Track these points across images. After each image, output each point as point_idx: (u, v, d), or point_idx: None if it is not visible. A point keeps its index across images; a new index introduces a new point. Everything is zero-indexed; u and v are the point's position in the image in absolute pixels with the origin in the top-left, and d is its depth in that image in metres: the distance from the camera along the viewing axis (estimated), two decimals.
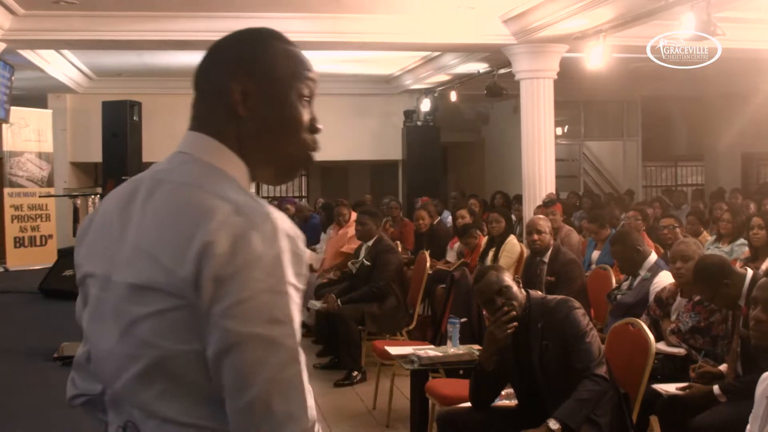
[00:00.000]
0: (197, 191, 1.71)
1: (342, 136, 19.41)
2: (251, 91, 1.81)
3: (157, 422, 1.71)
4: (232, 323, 1.59)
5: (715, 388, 4.89)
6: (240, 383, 1.60)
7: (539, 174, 13.04)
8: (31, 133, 16.57)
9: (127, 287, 1.72)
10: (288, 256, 1.64)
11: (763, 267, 7.22)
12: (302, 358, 1.67)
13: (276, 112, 1.84)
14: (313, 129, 1.92)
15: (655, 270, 6.58)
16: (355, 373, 8.29)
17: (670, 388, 5.08)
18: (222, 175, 1.77)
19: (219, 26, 12.80)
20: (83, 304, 1.94)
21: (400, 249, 10.33)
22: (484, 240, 9.73)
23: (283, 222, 1.68)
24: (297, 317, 1.65)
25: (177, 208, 1.70)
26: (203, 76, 1.88)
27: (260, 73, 1.83)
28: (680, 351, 5.53)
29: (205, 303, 1.61)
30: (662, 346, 5.53)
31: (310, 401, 1.69)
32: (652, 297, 6.25)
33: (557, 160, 13.95)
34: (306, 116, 1.89)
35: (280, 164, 1.90)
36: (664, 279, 6.31)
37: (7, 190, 15.92)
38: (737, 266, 5.89)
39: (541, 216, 8.51)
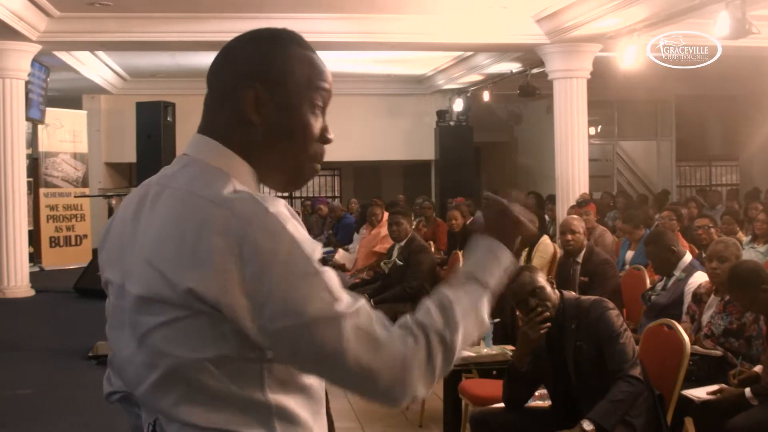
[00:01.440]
0: (192, 198, 1.69)
1: (375, 137, 19.46)
2: (264, 98, 1.78)
3: (178, 425, 1.72)
4: (278, 321, 1.61)
5: (747, 391, 4.85)
6: (318, 369, 1.68)
7: (572, 174, 12.99)
8: (66, 133, 16.73)
9: (136, 299, 1.72)
10: (298, 237, 1.64)
11: None
12: (357, 307, 1.70)
13: (288, 121, 1.81)
14: (325, 140, 1.89)
15: (689, 270, 6.52)
16: None
17: (701, 393, 5.04)
18: (218, 175, 1.74)
19: (251, 27, 12.67)
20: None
21: (433, 249, 10.31)
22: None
23: (281, 206, 1.67)
24: (332, 283, 1.67)
25: (176, 218, 1.69)
26: (215, 76, 1.86)
27: (275, 80, 1.80)
28: (716, 352, 5.48)
29: (237, 315, 1.61)
30: (698, 347, 5.48)
31: (385, 331, 1.72)
32: (687, 298, 6.20)
33: (590, 160, 13.89)
34: (317, 127, 1.86)
35: (288, 172, 1.87)
36: (699, 279, 6.26)
37: (42, 191, 16.08)
38: None
39: (574, 216, 8.47)
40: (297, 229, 1.65)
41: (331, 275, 1.68)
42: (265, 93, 1.78)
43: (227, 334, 1.64)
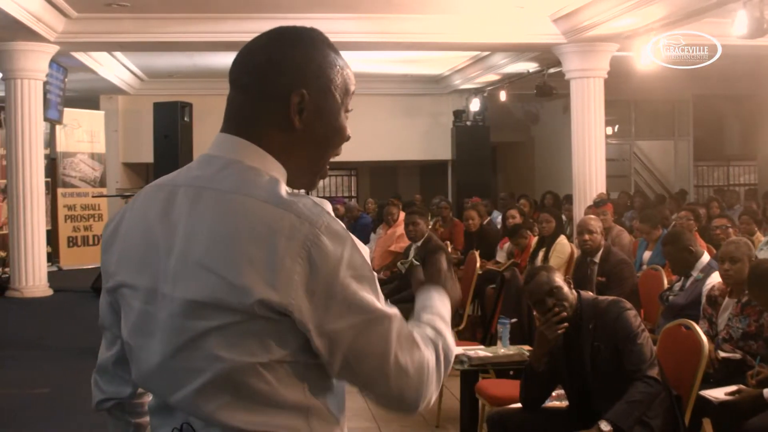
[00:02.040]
0: (244, 200, 1.69)
1: (391, 137, 19.46)
2: (309, 103, 1.78)
3: (219, 429, 1.71)
4: (339, 321, 1.66)
5: (765, 392, 4.83)
6: (367, 366, 1.72)
7: (589, 174, 12.97)
8: (84, 134, 16.80)
9: (185, 303, 1.69)
10: (355, 240, 1.70)
11: None
12: (396, 311, 1.79)
13: (328, 128, 1.83)
14: (346, 138, 1.91)
15: (707, 271, 6.49)
16: None
17: (719, 394, 5.01)
18: (263, 176, 1.74)
19: (269, 27, 12.74)
20: (111, 310, 1.95)
21: (450, 249, 10.30)
22: (535, 240, 9.69)
23: (329, 209, 1.72)
24: (378, 287, 1.75)
25: (229, 220, 1.68)
26: (251, 74, 1.82)
27: (321, 86, 1.81)
28: (735, 355, 5.45)
29: (303, 317, 1.64)
30: (719, 353, 5.45)
31: (423, 341, 1.82)
32: (704, 298, 6.17)
33: (607, 159, 13.86)
34: (347, 130, 1.89)
35: (317, 173, 1.89)
36: (717, 280, 6.23)
37: (60, 191, 16.15)
38: None
39: (592, 216, 8.45)
40: (349, 234, 1.71)
41: (375, 281, 1.74)
42: (310, 99, 1.79)
43: (285, 339, 1.66)
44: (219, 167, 1.77)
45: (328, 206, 1.72)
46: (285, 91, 1.78)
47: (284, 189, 1.72)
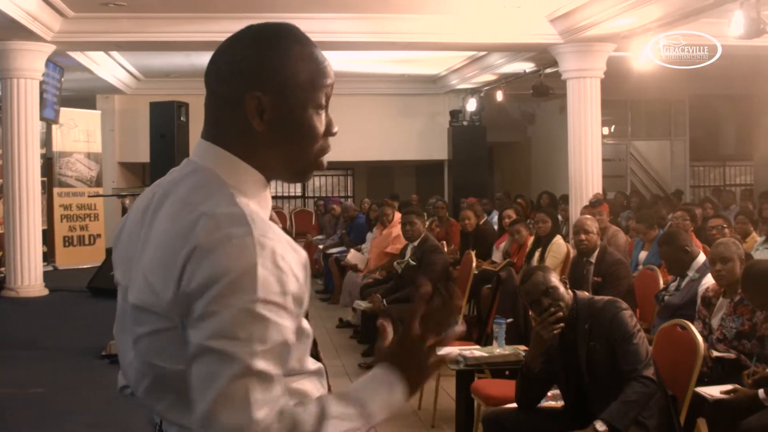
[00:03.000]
0: (188, 211, 1.69)
1: (388, 136, 19.47)
2: (267, 104, 1.77)
3: (177, 428, 1.75)
4: (195, 335, 1.59)
5: (761, 392, 4.83)
6: (195, 394, 1.58)
7: (586, 174, 12.98)
8: (80, 133, 16.78)
9: (132, 307, 1.75)
10: (264, 272, 1.59)
11: None
12: (264, 376, 1.58)
13: (293, 126, 1.80)
14: (330, 133, 1.87)
15: (703, 271, 6.49)
16: None
17: (715, 392, 5.02)
18: (219, 188, 1.73)
19: None
20: None
21: (446, 249, 10.31)
22: (531, 240, 9.69)
23: (273, 240, 1.63)
24: (268, 335, 1.58)
25: (171, 233, 1.69)
26: (217, 80, 1.83)
27: (278, 86, 1.78)
28: (729, 355, 5.46)
29: (184, 317, 1.62)
30: (713, 351, 5.46)
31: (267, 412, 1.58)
32: (699, 299, 6.18)
33: (604, 159, 13.87)
34: (322, 125, 1.85)
35: (295, 169, 1.87)
36: (712, 280, 6.24)
37: (56, 190, 16.14)
38: None
39: (588, 216, 8.46)
40: (274, 263, 1.61)
41: (270, 325, 1.59)
42: (268, 100, 1.77)
43: None
44: (187, 173, 1.80)
45: (271, 236, 1.64)
46: (241, 94, 1.77)
47: (232, 202, 1.69)
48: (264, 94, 1.76)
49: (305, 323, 1.76)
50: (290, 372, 1.70)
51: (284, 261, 1.62)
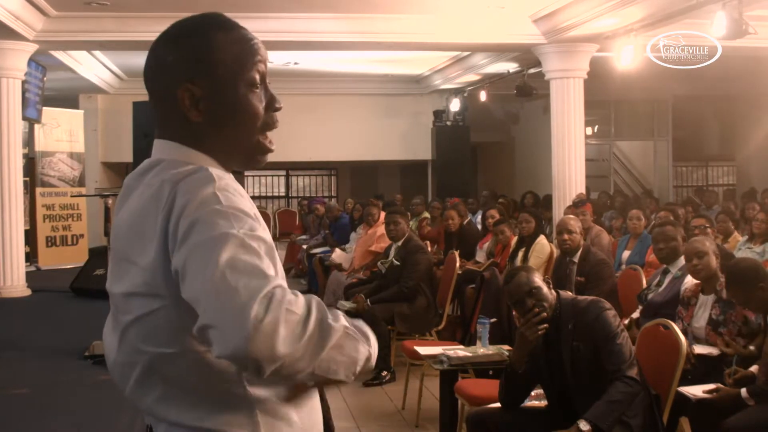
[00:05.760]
0: (150, 185, 1.74)
1: (371, 136, 19.48)
2: (199, 95, 1.80)
3: (165, 425, 1.73)
4: (178, 255, 1.60)
5: (743, 391, 4.86)
6: (192, 285, 1.57)
7: (569, 174, 13.00)
8: (63, 133, 16.70)
9: (120, 296, 1.76)
10: (227, 194, 1.66)
11: None
12: (254, 248, 1.59)
13: (228, 110, 1.82)
14: (274, 108, 1.89)
15: (686, 269, 6.52)
16: (385, 372, 8.28)
17: (698, 391, 5.04)
18: (181, 163, 1.77)
19: (248, 26, 12.68)
20: None
21: (430, 249, 10.32)
22: (514, 240, 9.71)
23: (229, 180, 1.73)
24: (245, 225, 1.62)
25: (138, 206, 1.74)
26: (150, 81, 1.88)
27: (205, 74, 1.81)
28: (712, 351, 5.49)
29: (169, 274, 1.63)
30: (695, 347, 5.48)
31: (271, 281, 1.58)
32: (680, 299, 6.20)
33: (587, 159, 13.89)
34: (260, 103, 1.86)
35: (244, 152, 1.88)
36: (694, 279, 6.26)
37: (39, 190, 16.06)
38: None
39: (571, 216, 8.48)
40: (232, 191, 1.68)
41: (252, 225, 1.64)
42: (198, 90, 1.80)
43: (189, 326, 1.60)
44: (147, 167, 1.83)
45: (228, 178, 1.73)
46: (172, 89, 1.81)
47: (198, 167, 1.75)
48: (194, 84, 1.80)
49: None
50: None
51: (240, 192, 1.70)
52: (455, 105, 19.05)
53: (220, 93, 1.81)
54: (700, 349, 5.51)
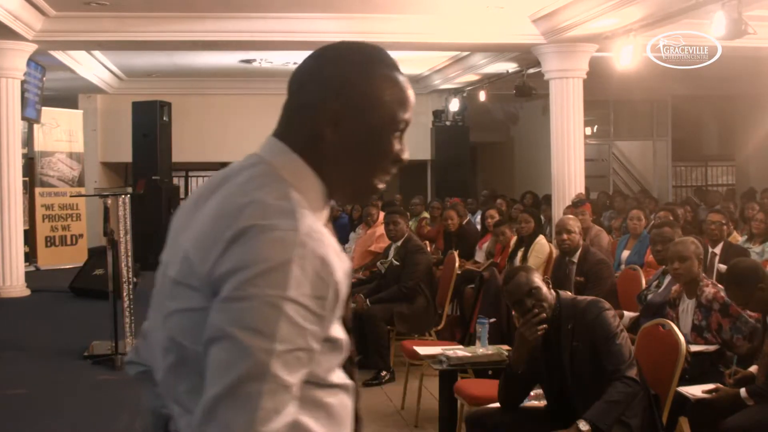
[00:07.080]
0: (241, 195, 1.68)
1: None
2: (343, 117, 1.77)
3: (190, 418, 1.70)
4: (218, 317, 1.56)
5: (742, 391, 4.86)
6: (208, 379, 1.55)
7: (568, 174, 13.00)
8: (62, 133, 16.71)
9: (169, 282, 1.74)
10: (300, 271, 1.56)
11: None
12: (280, 381, 1.53)
13: (370, 143, 1.80)
14: (399, 159, 1.86)
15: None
16: (384, 372, 8.27)
17: (697, 391, 5.04)
18: (277, 182, 1.72)
19: (248, 27, 12.85)
20: None
21: (429, 249, 10.31)
22: (514, 240, 9.70)
23: (317, 242, 1.60)
24: (291, 337, 1.54)
25: (219, 210, 1.69)
26: (299, 85, 1.84)
27: (357, 102, 1.78)
28: (709, 348, 5.49)
29: (212, 297, 1.60)
30: (692, 345, 5.48)
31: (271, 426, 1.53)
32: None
33: (586, 159, 13.90)
34: (395, 150, 1.84)
35: (355, 189, 1.86)
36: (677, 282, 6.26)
37: (38, 190, 16.06)
38: None
39: (570, 216, 8.47)
40: (314, 265, 1.58)
41: (293, 328, 1.55)
42: (345, 113, 1.76)
43: None
44: (249, 164, 1.79)
45: (315, 239, 1.60)
46: (319, 102, 1.77)
47: (284, 195, 1.68)
48: (342, 107, 1.77)
49: (340, 333, 1.72)
50: (313, 380, 1.65)
51: (323, 265, 1.59)
52: (454, 105, 19.05)
53: (365, 126, 1.78)
54: (695, 347, 5.50)
